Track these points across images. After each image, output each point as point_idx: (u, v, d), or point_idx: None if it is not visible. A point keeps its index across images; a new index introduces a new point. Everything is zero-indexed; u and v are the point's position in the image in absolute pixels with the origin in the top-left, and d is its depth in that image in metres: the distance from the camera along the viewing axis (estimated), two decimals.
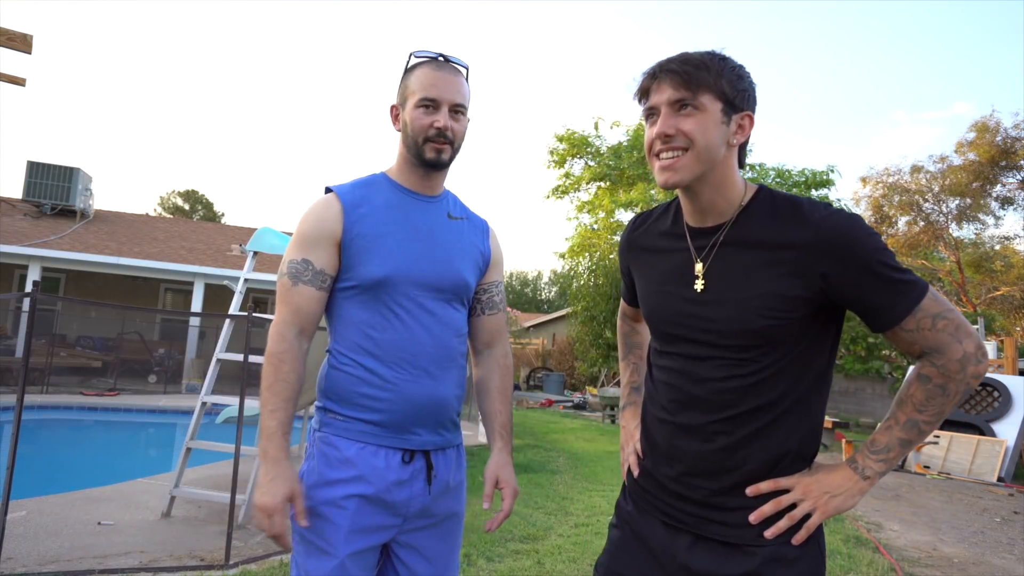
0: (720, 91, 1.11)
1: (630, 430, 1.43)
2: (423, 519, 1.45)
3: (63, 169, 14.04)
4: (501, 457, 1.56)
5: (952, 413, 8.80)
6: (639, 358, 1.55)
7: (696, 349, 1.18)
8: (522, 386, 18.80)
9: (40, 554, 3.28)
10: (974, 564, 4.26)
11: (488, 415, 1.63)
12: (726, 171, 1.16)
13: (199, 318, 13.46)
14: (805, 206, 1.12)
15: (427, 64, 1.47)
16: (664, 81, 1.12)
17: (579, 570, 3.52)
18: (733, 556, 1.15)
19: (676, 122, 1.11)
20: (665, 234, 1.28)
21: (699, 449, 1.18)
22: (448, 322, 1.48)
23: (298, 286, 1.40)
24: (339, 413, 1.42)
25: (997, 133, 16.70)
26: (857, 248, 1.06)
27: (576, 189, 13.81)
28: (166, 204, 41.04)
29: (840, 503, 1.12)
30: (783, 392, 1.13)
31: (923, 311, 1.07)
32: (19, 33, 4.08)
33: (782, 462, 1.15)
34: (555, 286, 45.06)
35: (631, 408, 1.49)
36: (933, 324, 1.07)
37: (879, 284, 1.06)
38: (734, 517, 1.16)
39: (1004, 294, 18.11)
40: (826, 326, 1.15)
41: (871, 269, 1.06)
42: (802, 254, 1.08)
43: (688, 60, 1.12)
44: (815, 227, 1.08)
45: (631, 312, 1.56)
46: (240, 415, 3.65)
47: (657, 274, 1.28)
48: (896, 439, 1.12)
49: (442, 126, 1.43)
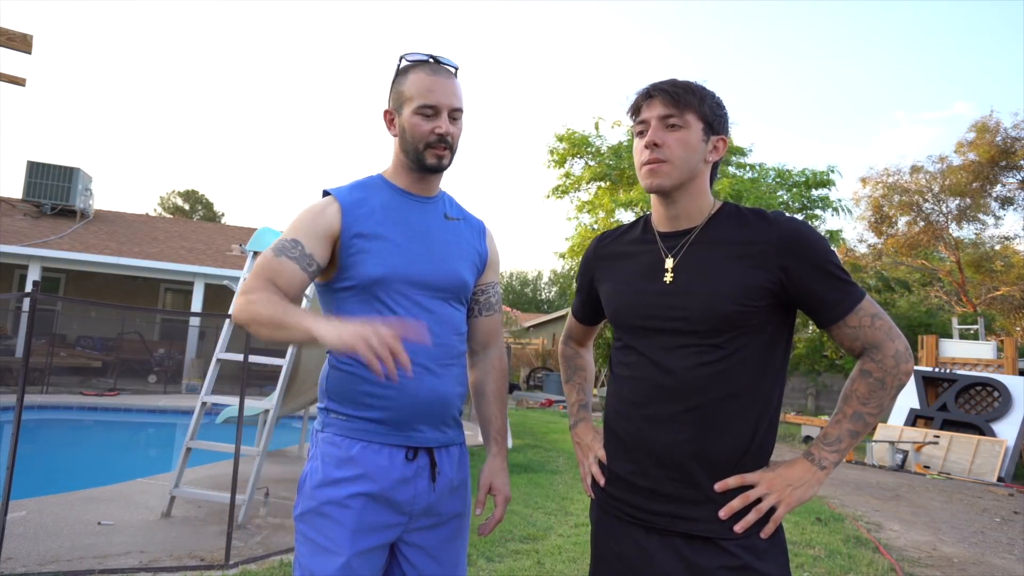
0: (703, 114, 1.27)
1: (587, 442, 1.46)
2: (428, 518, 1.45)
3: (63, 169, 14.05)
4: (496, 463, 1.58)
5: (952, 413, 8.81)
6: (583, 379, 1.62)
7: (665, 339, 1.26)
8: (522, 386, 18.80)
9: (40, 554, 3.28)
10: (974, 564, 4.26)
11: (484, 419, 1.63)
12: (701, 184, 1.32)
13: (199, 318, 13.47)
14: (768, 213, 1.28)
15: (421, 68, 1.46)
16: (655, 99, 1.28)
17: (579, 570, 3.52)
18: (707, 550, 1.20)
19: (664, 135, 1.27)
20: (634, 241, 1.40)
21: (668, 441, 1.24)
22: (447, 320, 1.48)
23: (280, 258, 1.36)
24: (341, 412, 1.42)
25: (997, 133, 16.72)
26: (813, 247, 1.21)
27: (576, 189, 13.78)
28: (166, 204, 41.03)
29: (802, 494, 1.22)
30: (746, 383, 1.22)
31: (864, 310, 1.22)
32: (19, 33, 4.09)
33: (747, 454, 1.23)
34: (555, 286, 45.06)
35: (583, 424, 1.53)
36: (872, 322, 1.22)
37: (830, 282, 1.21)
38: (704, 511, 1.21)
39: (1004, 294, 18.11)
40: (783, 323, 1.27)
41: (824, 268, 1.21)
42: (766, 249, 1.22)
43: (677, 84, 1.28)
44: (777, 227, 1.23)
45: (578, 333, 1.63)
46: (240, 415, 3.65)
47: (626, 274, 1.37)
48: (846, 431, 1.23)
49: (443, 132, 1.43)
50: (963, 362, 9.67)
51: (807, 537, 4.51)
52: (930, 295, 20.12)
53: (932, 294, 20.24)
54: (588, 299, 1.52)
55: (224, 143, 65.47)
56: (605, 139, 13.47)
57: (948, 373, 9.41)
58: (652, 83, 1.30)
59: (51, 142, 60.43)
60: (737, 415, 1.22)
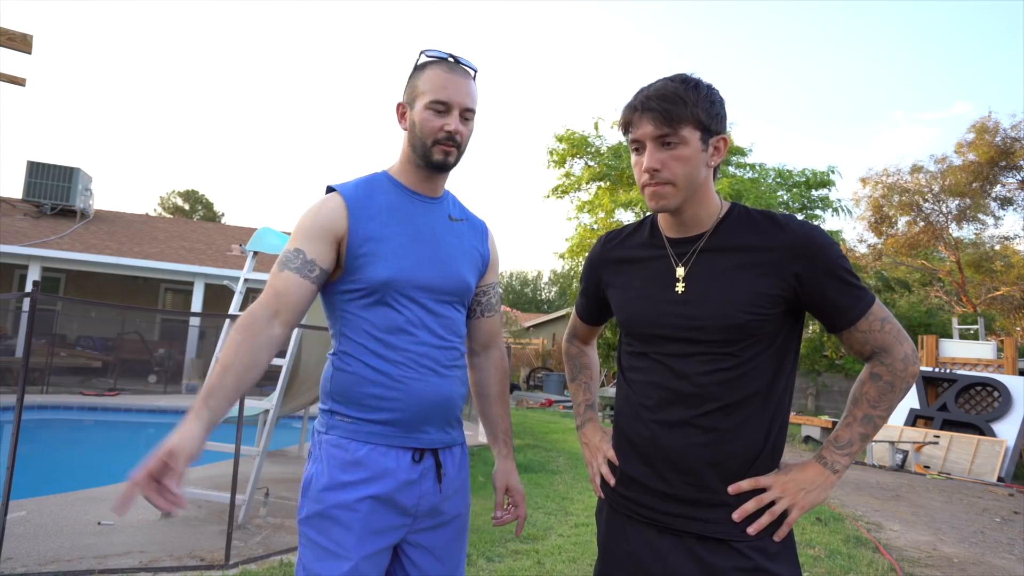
0: (697, 120, 1.20)
1: (595, 443, 1.45)
2: (432, 518, 1.45)
3: (63, 169, 14.04)
4: (507, 464, 1.60)
5: (952, 413, 8.80)
6: (589, 378, 1.61)
7: (680, 347, 1.25)
8: (522, 386, 18.81)
9: (40, 554, 3.28)
10: (974, 564, 4.26)
11: (491, 420, 1.64)
12: (707, 190, 1.27)
13: (199, 318, 13.46)
14: (778, 216, 1.25)
15: (438, 65, 1.45)
16: (645, 117, 1.21)
17: (579, 570, 3.52)
18: (721, 551, 1.20)
19: (661, 157, 1.21)
20: (643, 245, 1.37)
21: (682, 445, 1.23)
22: (451, 323, 1.48)
23: (284, 272, 1.37)
24: (346, 415, 1.40)
25: (996, 134, 16.72)
26: (825, 253, 1.19)
27: (576, 189, 13.77)
28: (166, 204, 41.02)
29: (815, 497, 1.22)
30: (759, 388, 1.22)
31: (874, 315, 1.22)
32: (19, 33, 4.09)
33: (759, 457, 1.23)
34: (555, 286, 45.06)
35: (591, 424, 1.52)
36: (882, 327, 1.22)
37: (842, 287, 1.20)
38: (718, 514, 1.21)
39: (1004, 294, 18.11)
40: (794, 328, 1.27)
41: (836, 274, 1.20)
42: (779, 256, 1.20)
43: (665, 96, 1.19)
44: (790, 233, 1.21)
45: (582, 332, 1.62)
46: (240, 415, 3.65)
47: (637, 281, 1.34)
48: (857, 434, 1.24)
49: (453, 130, 1.42)
50: (963, 362, 9.67)
51: (807, 537, 4.51)
52: (930, 295, 20.12)
53: (932, 294, 20.24)
54: (594, 301, 1.50)
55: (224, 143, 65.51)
56: (605, 139, 13.48)
57: (948, 373, 9.41)
58: (640, 96, 1.23)
59: (51, 142, 60.51)
60: (750, 419, 1.22)
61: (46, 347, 11.38)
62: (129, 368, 12.74)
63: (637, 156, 1.26)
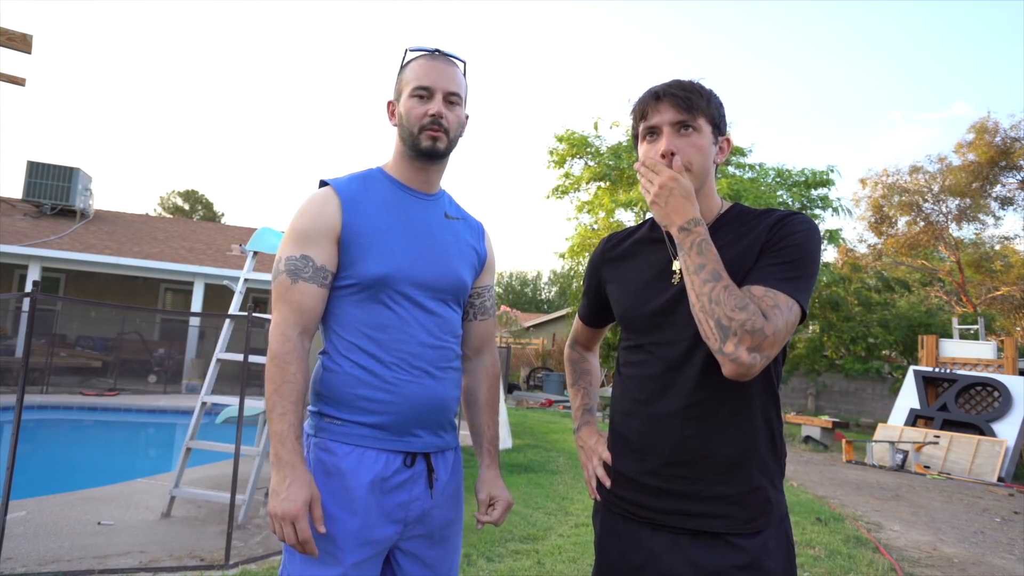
0: (711, 115, 1.25)
1: (591, 445, 1.45)
2: (424, 525, 1.41)
3: (63, 169, 14.04)
4: (491, 473, 1.55)
5: (952, 413, 8.80)
6: (588, 383, 1.61)
7: (675, 334, 1.25)
8: (522, 386, 18.80)
9: (40, 554, 3.28)
10: (974, 564, 4.26)
11: (477, 428, 1.60)
12: (711, 186, 1.31)
13: (199, 318, 13.46)
14: (775, 210, 1.28)
15: (422, 57, 1.46)
16: (666, 103, 1.24)
17: (579, 570, 3.52)
18: (716, 548, 1.19)
19: (678, 143, 1.23)
20: (642, 241, 1.39)
21: (675, 436, 1.23)
22: (446, 322, 1.45)
23: (298, 283, 1.34)
24: (336, 417, 1.37)
25: (996, 134, 16.74)
26: (790, 226, 1.20)
27: (576, 189, 13.78)
28: (166, 204, 41.02)
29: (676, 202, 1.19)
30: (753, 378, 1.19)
31: (776, 298, 1.13)
32: (19, 33, 4.08)
33: (756, 447, 1.22)
34: (555, 286, 45.07)
35: (587, 427, 1.52)
36: (772, 303, 1.13)
37: (780, 264, 1.17)
38: (712, 507, 1.20)
39: (1004, 294, 18.12)
40: None
41: (783, 247, 1.18)
42: (758, 234, 1.23)
43: (684, 86, 1.25)
44: (775, 217, 1.24)
45: (584, 337, 1.63)
46: (240, 415, 3.65)
47: (636, 275, 1.36)
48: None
49: (436, 112, 1.40)
50: (963, 362, 9.67)
51: (807, 537, 4.51)
52: (930, 295, 20.11)
53: (932, 294, 20.24)
54: (595, 301, 1.51)
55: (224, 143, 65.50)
56: (604, 139, 13.48)
57: (948, 373, 9.41)
58: (659, 85, 1.27)
59: (51, 142, 60.47)
60: (743, 409, 1.22)
61: (46, 347, 11.38)
62: (129, 368, 12.74)
63: (650, 143, 1.26)
